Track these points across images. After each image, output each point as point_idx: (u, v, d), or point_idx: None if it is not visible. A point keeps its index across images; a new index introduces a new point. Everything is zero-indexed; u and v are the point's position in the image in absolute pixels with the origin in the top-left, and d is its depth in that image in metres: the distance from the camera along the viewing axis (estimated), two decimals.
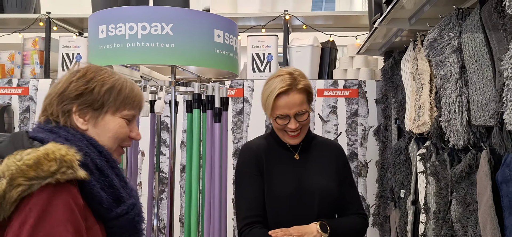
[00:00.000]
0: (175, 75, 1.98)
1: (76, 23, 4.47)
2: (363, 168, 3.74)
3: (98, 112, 1.22)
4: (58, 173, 1.02)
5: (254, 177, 1.78)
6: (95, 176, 1.12)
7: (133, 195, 1.23)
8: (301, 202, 1.78)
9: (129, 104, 1.26)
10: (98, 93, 1.21)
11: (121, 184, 1.20)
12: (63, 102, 1.19)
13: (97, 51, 1.93)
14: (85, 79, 1.21)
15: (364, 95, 3.73)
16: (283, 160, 1.83)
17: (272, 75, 1.78)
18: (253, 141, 1.88)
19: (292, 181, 1.80)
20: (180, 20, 1.87)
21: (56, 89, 1.22)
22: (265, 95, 1.74)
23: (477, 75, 1.82)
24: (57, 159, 1.03)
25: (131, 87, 1.27)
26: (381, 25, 2.62)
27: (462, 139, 1.92)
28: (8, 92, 4.08)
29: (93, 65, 1.26)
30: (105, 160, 1.18)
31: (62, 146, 1.07)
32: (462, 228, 2.00)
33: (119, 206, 1.17)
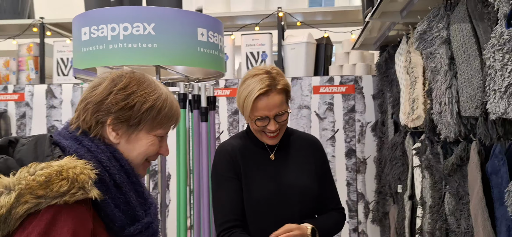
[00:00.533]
0: (159, 75, 1.96)
1: (70, 28, 4.44)
2: (362, 164, 3.71)
3: (133, 128, 1.17)
4: (68, 194, 0.99)
5: (230, 180, 1.72)
6: (111, 193, 1.09)
7: (150, 213, 1.19)
8: (282, 203, 1.74)
9: (165, 123, 1.21)
10: (137, 111, 1.16)
11: (139, 201, 1.16)
12: (99, 112, 1.15)
13: (81, 54, 1.92)
14: (126, 93, 1.15)
15: (360, 90, 3.70)
16: (261, 160, 1.77)
17: (248, 74, 1.70)
18: (228, 142, 1.81)
19: (271, 181, 1.75)
20: (162, 19, 1.85)
21: (93, 95, 1.16)
22: (242, 97, 1.67)
23: (466, 66, 1.79)
24: (70, 179, 1.00)
25: (171, 105, 1.22)
26: (372, 19, 2.60)
27: (453, 131, 1.90)
28: (4, 98, 4.09)
29: (136, 76, 1.20)
30: (126, 175, 1.14)
31: (78, 162, 1.03)
32: (456, 221, 1.98)
33: (133, 224, 1.13)
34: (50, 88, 4.02)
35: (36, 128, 4.01)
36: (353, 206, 3.71)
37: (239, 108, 1.72)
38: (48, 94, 4.01)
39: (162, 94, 1.20)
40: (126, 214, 1.11)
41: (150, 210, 1.19)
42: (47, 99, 4.01)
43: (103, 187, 1.06)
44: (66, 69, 4.15)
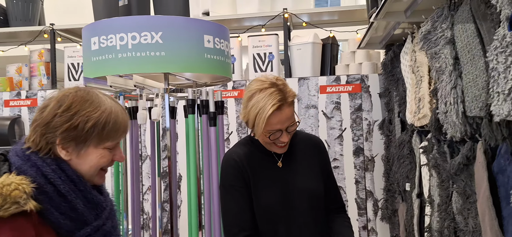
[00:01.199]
0: (168, 82, 2.00)
1: (80, 33, 4.52)
2: (370, 162, 3.73)
3: (81, 145, 1.25)
4: (1, 209, 1.10)
5: (239, 191, 1.72)
6: (54, 202, 1.19)
7: (102, 217, 1.28)
8: (292, 208, 1.75)
9: (111, 137, 1.29)
10: (82, 130, 1.24)
11: (88, 207, 1.25)
12: (47, 133, 1.23)
13: (90, 63, 1.96)
14: (69, 113, 1.23)
15: (367, 89, 3.72)
16: (268, 167, 1.78)
17: (253, 88, 1.69)
18: (233, 150, 1.80)
19: (280, 188, 1.76)
20: (169, 28, 1.89)
21: (41, 117, 1.25)
22: (252, 114, 1.66)
23: (470, 66, 1.81)
24: (3, 195, 1.10)
25: (115, 119, 1.29)
26: (377, 20, 2.61)
27: (458, 131, 1.91)
28: (17, 104, 4.16)
29: (79, 95, 1.27)
30: (73, 184, 1.23)
31: (14, 179, 1.14)
32: (464, 220, 1.99)
33: (82, 228, 1.22)
34: None
35: None
36: (362, 204, 3.73)
37: (247, 123, 1.72)
38: None
39: (105, 110, 1.27)
40: (74, 220, 1.21)
41: (102, 214, 1.27)
42: None
43: (45, 198, 1.17)
44: (77, 74, 4.21)
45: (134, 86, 1.90)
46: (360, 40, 3.63)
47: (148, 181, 3.87)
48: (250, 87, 1.71)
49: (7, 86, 4.26)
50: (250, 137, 1.83)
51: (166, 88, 1.99)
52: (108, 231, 1.29)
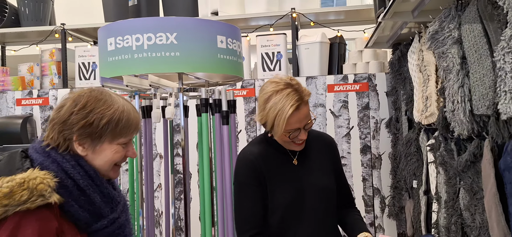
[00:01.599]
0: (182, 81, 2.06)
1: (90, 33, 4.60)
2: (377, 160, 3.77)
3: (96, 141, 1.34)
4: (29, 202, 1.18)
5: (253, 189, 1.76)
6: (74, 195, 1.27)
7: (117, 210, 1.36)
8: (307, 205, 1.80)
9: (124, 133, 1.37)
10: (97, 126, 1.31)
11: (104, 200, 1.33)
12: (64, 130, 1.31)
13: (107, 63, 2.02)
14: (84, 111, 1.31)
15: (374, 88, 3.76)
16: (284, 165, 1.82)
17: (268, 89, 1.72)
18: (248, 149, 1.83)
19: (295, 185, 1.80)
20: (184, 29, 1.94)
21: (58, 116, 1.33)
22: (271, 115, 1.69)
23: (477, 66, 1.85)
24: (30, 189, 1.19)
25: (128, 116, 1.37)
26: (384, 20, 2.65)
27: (466, 129, 1.95)
28: (29, 103, 4.23)
29: (93, 94, 1.35)
30: (90, 179, 1.31)
31: (38, 173, 1.22)
32: (471, 216, 2.03)
33: (99, 221, 1.31)
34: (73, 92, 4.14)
35: None
36: (369, 201, 3.78)
37: (265, 124, 1.75)
38: None
39: (118, 108, 1.35)
40: (91, 212, 1.30)
41: (117, 207, 1.36)
42: None
43: (66, 192, 1.26)
44: (88, 73, 4.27)
45: (149, 85, 1.96)
46: (367, 39, 3.67)
47: (158, 179, 3.94)
48: (265, 89, 1.74)
49: (19, 85, 4.34)
50: (265, 135, 1.86)
51: (180, 88, 2.05)
52: (122, 224, 1.37)
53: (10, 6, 4.48)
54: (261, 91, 1.76)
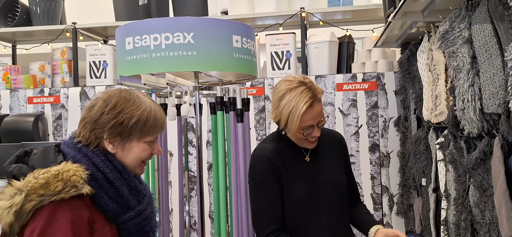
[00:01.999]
0: (198, 80, 2.10)
1: (101, 32, 4.65)
2: (385, 158, 3.81)
3: (125, 139, 1.42)
4: (63, 192, 1.26)
5: (271, 185, 1.80)
6: (104, 187, 1.35)
7: (143, 202, 1.44)
8: (320, 201, 1.85)
9: (151, 132, 1.45)
10: (126, 125, 1.39)
11: (132, 193, 1.41)
12: (96, 129, 1.39)
13: (125, 62, 2.07)
14: (115, 111, 1.39)
15: (383, 87, 3.79)
16: (298, 162, 1.87)
17: (282, 88, 1.77)
18: (263, 146, 1.87)
19: (309, 182, 1.85)
20: (201, 29, 1.99)
21: (90, 115, 1.40)
22: (285, 112, 1.73)
23: (488, 65, 1.88)
24: (64, 180, 1.27)
25: (154, 116, 1.44)
26: (394, 19, 2.69)
27: (476, 127, 1.98)
28: (40, 101, 4.29)
29: (123, 95, 1.43)
30: (118, 173, 1.39)
31: (71, 166, 1.31)
32: (480, 213, 2.06)
33: (127, 212, 1.39)
34: (84, 90, 4.20)
35: (72, 129, 4.20)
36: (378, 199, 3.81)
37: (279, 122, 1.80)
38: (82, 96, 4.20)
39: (146, 108, 1.43)
40: (120, 204, 1.38)
41: (143, 200, 1.44)
42: (81, 101, 4.19)
43: (96, 184, 1.34)
44: (98, 72, 4.32)
45: (166, 84, 2.00)
46: (376, 38, 3.70)
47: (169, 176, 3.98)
48: (279, 88, 1.79)
49: (31, 83, 4.39)
50: (278, 133, 1.91)
51: (196, 86, 2.10)
52: (148, 216, 1.45)
53: (22, 5, 4.54)
54: (275, 90, 1.81)
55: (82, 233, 1.30)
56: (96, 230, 1.33)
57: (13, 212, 1.24)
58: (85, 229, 1.30)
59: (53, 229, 1.25)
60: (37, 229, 1.25)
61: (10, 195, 1.26)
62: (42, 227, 1.25)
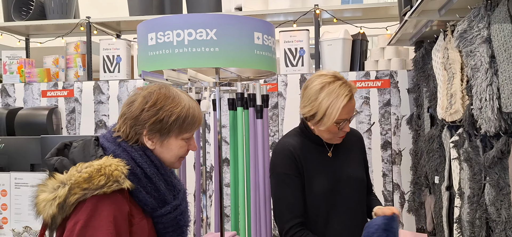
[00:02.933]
0: (219, 76, 2.13)
1: (114, 26, 4.69)
2: (397, 156, 3.82)
3: (164, 136, 1.45)
4: (105, 186, 1.30)
5: (293, 179, 1.84)
6: (142, 183, 1.38)
7: (179, 197, 1.47)
8: (340, 194, 1.90)
9: (189, 129, 1.48)
10: (166, 123, 1.42)
11: (168, 188, 1.44)
12: (136, 125, 1.42)
13: (147, 57, 2.10)
14: (155, 108, 1.41)
15: (396, 85, 3.80)
16: (320, 157, 1.91)
17: (320, 82, 1.81)
18: (286, 141, 1.91)
19: (330, 176, 1.89)
20: (223, 25, 2.02)
21: (130, 111, 1.43)
22: (324, 105, 1.78)
23: (507, 65, 1.89)
24: (106, 174, 1.30)
25: (193, 113, 1.47)
26: (411, 18, 2.70)
27: (493, 126, 2.00)
28: (54, 95, 4.34)
29: (162, 92, 1.45)
30: (155, 168, 1.42)
31: (113, 161, 1.34)
32: (496, 211, 2.08)
33: (163, 207, 1.42)
34: (98, 84, 4.24)
35: (85, 122, 4.25)
36: (389, 196, 3.83)
37: (314, 115, 1.84)
38: (96, 90, 4.24)
39: (185, 106, 1.46)
40: (157, 199, 1.40)
41: (178, 195, 1.47)
42: (95, 95, 4.23)
43: (135, 179, 1.37)
44: (112, 66, 4.36)
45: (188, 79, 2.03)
46: (389, 36, 3.71)
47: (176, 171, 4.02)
48: (313, 82, 1.84)
49: (45, 77, 4.44)
50: (300, 128, 1.96)
51: (217, 82, 2.13)
52: (183, 211, 1.48)
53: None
54: (310, 84, 1.85)
55: (123, 227, 1.33)
56: (134, 224, 1.37)
57: (56, 205, 1.27)
58: (126, 222, 1.34)
59: (96, 222, 1.28)
60: (80, 221, 1.28)
61: (53, 188, 1.29)
62: (85, 220, 1.28)
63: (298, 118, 3.88)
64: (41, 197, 1.30)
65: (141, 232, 1.39)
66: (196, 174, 2.42)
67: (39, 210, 1.30)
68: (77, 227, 1.27)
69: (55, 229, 1.32)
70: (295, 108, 3.90)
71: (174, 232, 1.46)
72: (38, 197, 1.30)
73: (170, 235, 1.46)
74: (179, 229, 1.47)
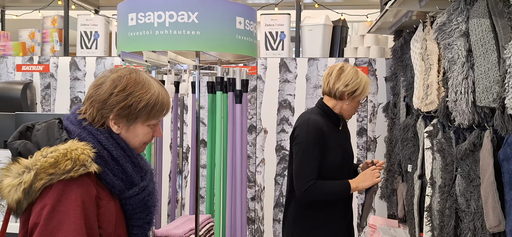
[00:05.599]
0: (199, 59, 2.11)
1: (93, 1, 4.59)
2: (372, 143, 3.88)
3: (131, 122, 1.43)
4: (72, 171, 1.29)
5: (315, 149, 2.25)
6: (109, 165, 1.38)
7: (146, 178, 1.47)
8: (345, 164, 2.42)
9: (157, 116, 1.47)
10: (134, 109, 1.41)
11: (135, 170, 1.43)
12: (103, 109, 1.40)
13: (127, 38, 2.06)
14: (124, 93, 1.40)
15: (374, 72, 3.84)
16: (335, 131, 2.38)
17: (351, 66, 2.37)
18: (315, 118, 2.32)
19: (340, 148, 2.37)
20: (205, 8, 2.00)
21: (97, 94, 1.40)
22: (363, 82, 2.35)
23: (483, 59, 1.93)
24: (73, 159, 1.29)
25: (162, 101, 1.46)
26: (392, 7, 2.72)
27: (467, 119, 2.05)
28: (29, 69, 4.24)
29: (132, 77, 1.43)
30: (122, 150, 1.41)
31: (79, 145, 1.32)
32: (466, 202, 2.14)
33: (131, 188, 1.42)
34: (74, 61, 4.16)
35: (60, 99, 4.17)
36: None
37: (355, 91, 2.34)
38: (72, 66, 4.16)
39: (154, 93, 1.44)
40: (124, 181, 1.40)
41: (146, 176, 1.47)
42: (71, 71, 4.16)
43: (102, 162, 1.36)
44: (89, 42, 4.28)
45: (168, 62, 2.01)
46: (370, 24, 3.73)
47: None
48: (346, 67, 2.37)
49: (20, 50, 4.33)
50: (322, 109, 2.39)
51: (197, 65, 2.11)
52: (151, 191, 1.48)
53: None
54: (345, 68, 2.36)
55: (91, 210, 1.32)
56: (102, 206, 1.36)
57: (22, 190, 1.26)
58: (93, 206, 1.33)
59: (63, 206, 1.27)
60: (47, 206, 1.26)
61: (18, 173, 1.27)
62: (53, 205, 1.27)
63: (276, 102, 3.90)
64: (5, 182, 1.28)
65: (109, 215, 1.38)
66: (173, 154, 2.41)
67: (3, 195, 1.28)
68: (44, 212, 1.26)
69: (21, 213, 1.31)
70: (274, 92, 3.91)
71: (142, 212, 1.46)
72: (2, 182, 1.28)
73: (139, 216, 1.46)
74: (147, 210, 1.47)
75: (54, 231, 1.25)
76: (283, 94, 3.91)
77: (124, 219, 1.45)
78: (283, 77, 3.91)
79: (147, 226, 1.50)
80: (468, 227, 2.09)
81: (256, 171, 3.98)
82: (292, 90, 3.90)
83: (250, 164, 3.99)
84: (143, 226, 1.48)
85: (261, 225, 4.00)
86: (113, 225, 1.39)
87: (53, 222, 1.25)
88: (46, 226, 1.25)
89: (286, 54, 3.96)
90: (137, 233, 1.48)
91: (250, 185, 3.99)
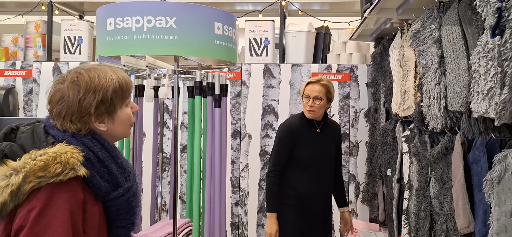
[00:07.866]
0: (178, 64, 2.14)
1: (77, 7, 4.60)
2: (354, 148, 3.93)
3: (112, 113, 1.43)
4: (62, 174, 1.27)
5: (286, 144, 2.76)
6: (96, 167, 1.36)
7: (130, 179, 1.47)
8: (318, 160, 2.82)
9: (128, 93, 1.47)
10: (108, 100, 1.40)
11: (119, 171, 1.43)
12: (82, 117, 1.38)
13: (105, 42, 2.08)
14: (90, 92, 1.37)
15: (355, 79, 3.90)
16: (310, 133, 2.81)
17: None
18: (290, 121, 2.88)
19: (315, 147, 2.80)
20: (183, 13, 2.02)
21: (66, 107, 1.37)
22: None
23: (454, 65, 1.99)
24: (62, 162, 1.28)
25: (124, 78, 1.46)
26: (370, 15, 2.78)
27: (439, 123, 2.10)
28: (12, 74, 4.23)
29: (86, 75, 1.40)
30: (106, 151, 1.40)
31: (68, 148, 1.31)
32: (439, 204, 2.19)
33: (116, 190, 1.41)
34: (57, 66, 4.16)
35: (43, 104, 4.16)
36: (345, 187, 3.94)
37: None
38: (55, 71, 4.16)
39: (112, 75, 1.44)
40: (109, 182, 1.39)
41: (129, 177, 1.46)
42: (54, 76, 4.15)
43: (89, 165, 1.35)
44: (73, 48, 4.28)
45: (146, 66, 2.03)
46: (351, 31, 3.79)
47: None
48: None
49: (3, 55, 4.31)
50: (302, 114, 2.87)
51: (176, 70, 2.14)
52: (135, 192, 1.48)
53: None
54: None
55: (78, 215, 1.31)
56: (87, 210, 1.35)
57: (9, 192, 1.24)
58: (80, 210, 1.32)
59: (52, 210, 1.26)
60: (35, 209, 1.25)
61: (5, 175, 1.26)
62: (41, 208, 1.25)
63: (260, 107, 3.93)
64: None
65: (93, 219, 1.38)
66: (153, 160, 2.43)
67: None
68: (32, 215, 1.25)
69: (5, 216, 1.29)
70: (258, 97, 3.94)
71: (127, 213, 1.46)
72: None
73: (123, 217, 1.46)
74: (131, 210, 1.47)
75: (40, 234, 1.24)
76: (267, 100, 3.95)
77: (106, 224, 1.45)
78: (267, 82, 3.95)
79: (131, 227, 1.50)
80: (441, 228, 2.13)
81: (241, 176, 4.01)
82: (276, 95, 3.95)
83: (234, 169, 4.01)
84: (127, 227, 1.48)
85: (245, 230, 4.02)
86: (96, 230, 1.39)
87: (40, 225, 1.25)
88: (32, 229, 1.24)
89: (270, 60, 4.01)
90: (121, 234, 1.47)
91: (234, 190, 4.01)
